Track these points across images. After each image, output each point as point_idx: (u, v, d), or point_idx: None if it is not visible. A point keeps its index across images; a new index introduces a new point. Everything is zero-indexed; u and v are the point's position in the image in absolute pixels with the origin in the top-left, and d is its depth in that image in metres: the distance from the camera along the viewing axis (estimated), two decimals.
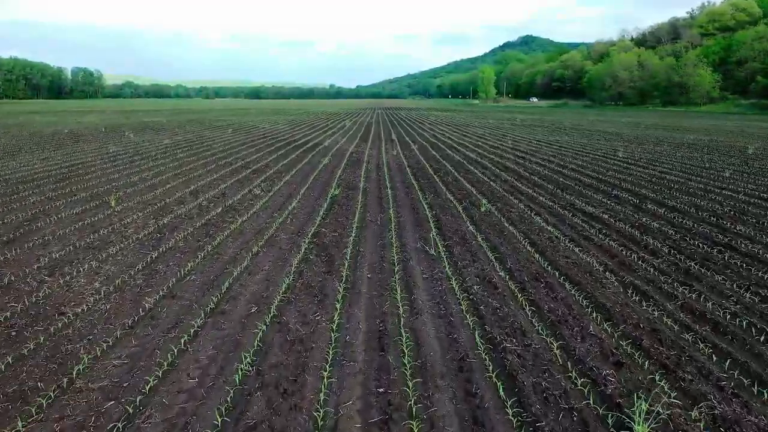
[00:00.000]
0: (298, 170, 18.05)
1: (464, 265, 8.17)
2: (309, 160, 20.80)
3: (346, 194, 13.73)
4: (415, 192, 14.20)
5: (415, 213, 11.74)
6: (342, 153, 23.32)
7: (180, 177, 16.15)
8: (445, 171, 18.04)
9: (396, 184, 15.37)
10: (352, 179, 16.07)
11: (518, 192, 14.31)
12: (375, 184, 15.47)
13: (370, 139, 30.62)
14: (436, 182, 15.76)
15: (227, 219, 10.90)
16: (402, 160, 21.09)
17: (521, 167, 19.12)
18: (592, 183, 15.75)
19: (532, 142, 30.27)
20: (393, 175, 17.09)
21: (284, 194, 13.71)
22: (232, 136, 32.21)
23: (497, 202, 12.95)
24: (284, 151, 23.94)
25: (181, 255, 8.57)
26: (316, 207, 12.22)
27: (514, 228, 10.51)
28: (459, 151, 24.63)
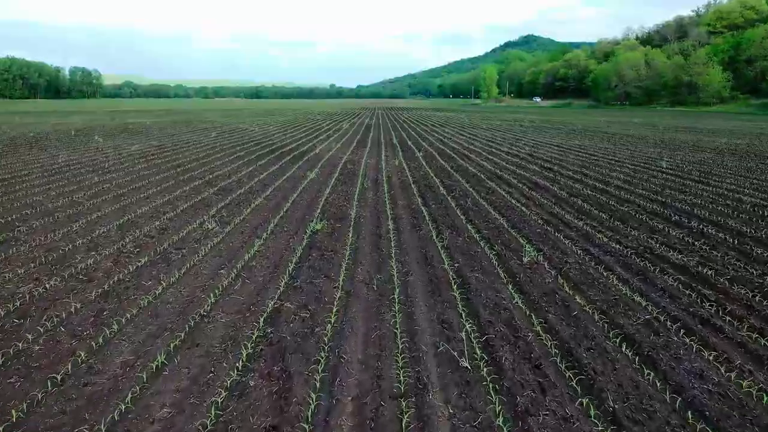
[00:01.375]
0: (276, 188, 14.29)
1: (527, 400, 4.44)
2: (293, 173, 17.04)
3: (332, 230, 9.98)
4: (425, 224, 10.45)
5: (428, 266, 7.97)
6: (334, 163, 19.56)
7: (120, 200, 12.39)
8: (461, 190, 14.26)
9: (399, 212, 11.61)
10: (343, 204, 12.31)
11: (565, 225, 10.52)
12: (372, 211, 11.71)
13: (369, 145, 26.84)
14: (452, 207, 12.00)
15: (142, 284, 7.13)
16: (405, 172, 17.33)
17: (554, 183, 15.35)
18: (655, 209, 11.97)
19: (551, 147, 26.49)
20: (395, 196, 13.33)
21: (246, 230, 9.94)
22: (213, 140, 28.45)
23: (542, 243, 9.17)
24: (266, 160, 20.18)
25: (30, 370, 4.83)
26: (284, 256, 8.46)
27: (583, 298, 6.76)
28: (471, 160, 20.85)
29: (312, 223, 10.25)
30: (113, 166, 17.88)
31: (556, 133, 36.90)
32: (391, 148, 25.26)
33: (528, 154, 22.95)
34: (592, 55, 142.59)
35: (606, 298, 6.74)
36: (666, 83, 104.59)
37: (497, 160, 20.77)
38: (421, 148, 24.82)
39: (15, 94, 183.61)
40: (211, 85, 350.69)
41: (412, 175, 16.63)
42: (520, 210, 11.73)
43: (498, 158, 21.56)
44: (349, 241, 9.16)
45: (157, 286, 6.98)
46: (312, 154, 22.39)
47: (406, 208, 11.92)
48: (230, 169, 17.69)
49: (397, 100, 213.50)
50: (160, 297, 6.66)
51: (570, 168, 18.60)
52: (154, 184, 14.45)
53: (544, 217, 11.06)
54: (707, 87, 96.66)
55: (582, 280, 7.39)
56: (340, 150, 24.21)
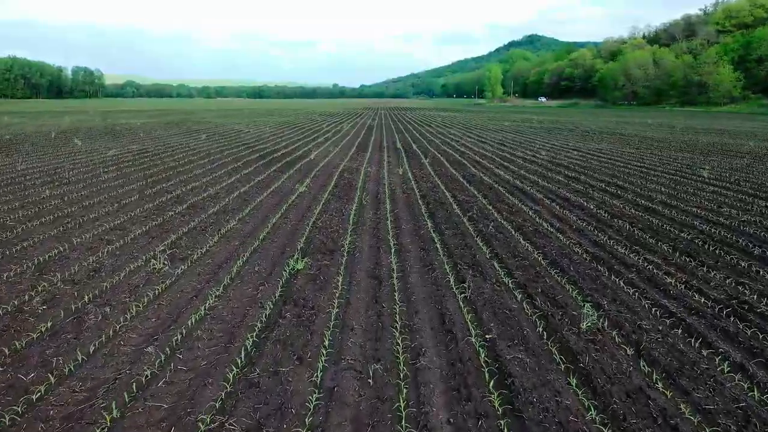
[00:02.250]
0: (256, 206, 11.92)
1: None
2: (281, 185, 14.66)
3: (317, 270, 7.60)
4: (438, 260, 8.06)
5: (447, 339, 5.57)
6: (330, 172, 17.18)
7: (60, 223, 10.03)
8: (478, 207, 11.86)
9: (404, 240, 9.21)
10: (334, 228, 9.92)
11: (619, 262, 8.10)
12: (370, 238, 9.33)
13: (370, 149, 24.44)
14: (470, 234, 9.60)
15: (20, 378, 4.75)
16: (411, 183, 14.93)
17: (587, 199, 12.92)
18: (724, 236, 9.53)
19: (570, 151, 24.05)
20: (399, 216, 10.94)
21: (204, 271, 7.56)
22: (201, 143, 26.11)
23: (598, 293, 6.77)
24: (253, 168, 17.81)
25: None
26: (246, 317, 6.08)
27: (688, 405, 4.36)
28: (485, 168, 18.43)
29: (292, 260, 7.87)
30: (76, 176, 15.53)
31: (570, 135, 34.43)
32: (395, 153, 22.87)
33: (548, 161, 20.52)
34: (598, 55, 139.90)
35: (725, 407, 4.34)
36: (675, 83, 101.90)
37: (514, 168, 18.35)
38: (427, 154, 22.39)
39: (17, 94, 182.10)
40: (213, 84, 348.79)
41: (418, 188, 14.24)
42: (556, 238, 9.31)
43: (514, 165, 19.14)
44: (338, 290, 6.78)
45: (41, 382, 4.60)
46: (306, 160, 20.00)
47: (414, 235, 9.52)
48: (209, 179, 15.32)
49: (400, 100, 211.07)
50: (39, 405, 4.28)
51: (599, 178, 16.17)
52: (113, 200, 12.08)
53: (590, 249, 8.64)
54: (718, 87, 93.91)
55: (675, 365, 4.99)
56: (337, 155, 21.82)
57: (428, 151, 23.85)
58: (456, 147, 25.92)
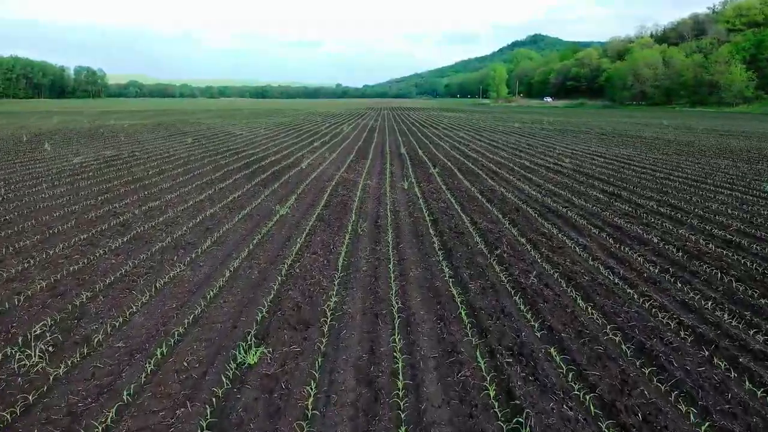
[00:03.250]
0: (219, 239, 9.16)
1: None
2: (259, 204, 11.90)
3: (280, 365, 4.85)
4: (464, 343, 5.29)
5: None
6: (322, 185, 14.42)
7: None
8: (508, 241, 9.05)
9: (413, 300, 6.45)
10: (316, 278, 7.15)
11: (743, 349, 5.30)
12: (364, 298, 6.56)
13: (371, 156, 21.66)
14: (503, 287, 6.83)
15: None
16: (419, 202, 12.16)
17: (644, 226, 10.10)
18: None
19: (594, 158, 21.22)
20: (405, 256, 8.18)
21: (103, 371, 4.80)
22: (184, 148, 23.39)
23: (723, 416, 3.98)
24: (233, 180, 15.06)
25: None
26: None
27: None
28: (505, 181, 15.64)
29: (243, 346, 5.11)
30: (15, 190, 12.82)
31: (587, 138, 31.57)
32: (398, 161, 20.09)
33: (573, 170, 17.71)
34: (605, 54, 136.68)
35: None
36: (685, 82, 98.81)
37: (538, 180, 15.55)
38: (436, 162, 19.58)
39: (19, 93, 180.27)
40: (217, 84, 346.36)
41: (428, 208, 11.46)
42: (630, 298, 6.52)
43: (537, 176, 16.34)
44: (308, 413, 4.02)
45: None
46: (296, 170, 17.25)
47: (426, 289, 6.76)
48: (174, 197, 12.57)
49: (403, 100, 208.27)
50: None
51: (644, 194, 13.36)
52: (36, 230, 9.34)
53: (685, 320, 5.86)
54: (730, 87, 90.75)
55: None
56: (333, 163, 19.06)
57: (436, 158, 21.05)
58: (467, 153, 23.12)
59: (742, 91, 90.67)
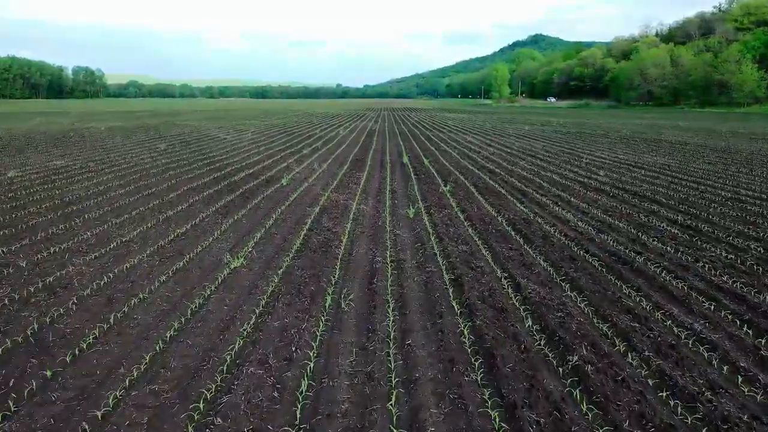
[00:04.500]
0: (108, 333, 5.73)
1: None
2: (205, 249, 8.45)
3: None
4: None
5: None
6: (301, 214, 11.00)
7: None
8: (583, 333, 5.60)
9: None
10: (263, 418, 3.73)
11: None
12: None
13: (368, 167, 18.24)
14: None
15: None
16: (430, 242, 8.74)
17: (752, 287, 6.68)
18: None
19: (631, 169, 17.79)
20: (413, 366, 4.76)
21: None
22: (152, 157, 19.98)
23: None
24: (187, 205, 11.63)
25: None
26: None
27: None
28: (539, 204, 12.20)
29: None
30: None
31: (608, 143, 28.15)
32: (401, 173, 16.70)
33: (615, 186, 14.29)
34: (609, 54, 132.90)
35: None
36: (694, 82, 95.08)
37: (578, 202, 12.13)
38: (447, 177, 16.14)
39: (16, 93, 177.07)
40: (220, 84, 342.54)
41: (444, 254, 8.06)
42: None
43: (573, 195, 12.92)
44: None
45: None
46: (274, 188, 13.83)
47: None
48: (96, 233, 9.16)
49: (404, 100, 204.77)
50: None
51: (729, 227, 9.93)
52: None
53: None
54: (741, 86, 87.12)
55: None
56: (322, 178, 15.66)
57: (445, 169, 17.64)
58: (480, 162, 19.71)
59: (754, 90, 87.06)
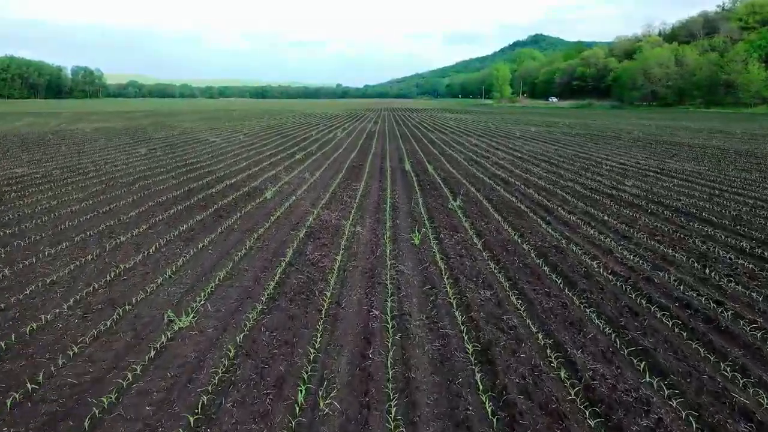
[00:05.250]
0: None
1: None
2: (147, 299, 6.45)
3: None
4: None
5: None
6: (281, 241, 8.99)
7: None
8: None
9: None
10: None
11: None
12: None
13: (366, 174, 16.23)
14: None
15: None
16: (444, 287, 6.74)
17: None
18: None
19: (660, 178, 15.78)
20: None
21: None
22: (128, 164, 17.97)
23: None
24: (146, 226, 9.61)
25: None
26: None
27: None
28: (567, 225, 10.17)
29: None
30: None
31: (623, 146, 26.13)
32: (403, 183, 14.69)
33: (648, 199, 12.27)
34: (611, 53, 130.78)
35: None
36: (699, 82, 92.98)
37: (612, 221, 10.13)
38: (456, 188, 14.12)
39: (14, 93, 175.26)
40: (221, 84, 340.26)
41: (463, 304, 6.06)
42: None
43: (605, 212, 10.91)
44: None
45: None
46: (255, 203, 11.82)
47: None
48: (14, 273, 7.15)
49: (404, 100, 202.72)
50: None
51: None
52: None
53: None
54: (748, 86, 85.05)
55: None
56: (313, 189, 13.65)
57: (452, 178, 15.63)
58: (490, 169, 17.70)
59: (760, 90, 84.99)
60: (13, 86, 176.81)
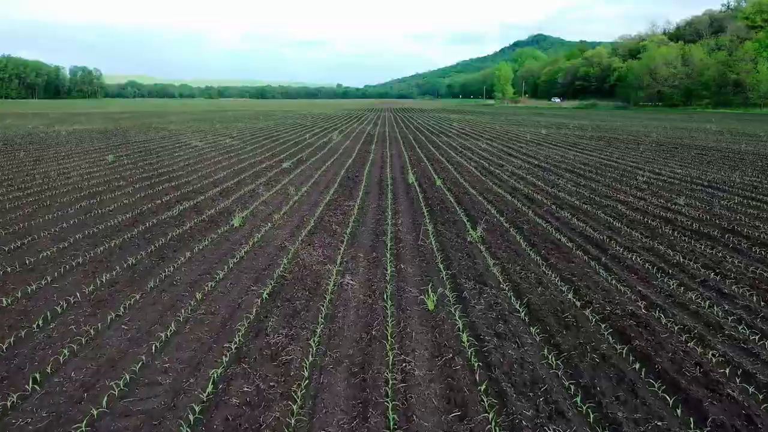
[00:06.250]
0: None
1: None
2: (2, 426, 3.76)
3: None
4: None
5: None
6: (239, 298, 6.30)
7: None
8: None
9: None
10: None
11: None
12: None
13: (362, 190, 13.51)
14: None
15: None
16: (482, 412, 4.03)
17: None
18: None
19: (711, 191, 13.07)
20: None
21: None
22: (86, 173, 15.27)
23: None
24: (63, 272, 6.89)
25: None
26: None
27: None
28: (628, 267, 7.45)
29: None
30: None
31: (647, 151, 23.43)
32: (408, 205, 11.98)
33: (721, 227, 9.56)
34: (615, 53, 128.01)
35: None
36: (707, 82, 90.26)
37: (689, 263, 7.43)
38: (474, 212, 11.40)
39: (11, 93, 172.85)
40: (219, 84, 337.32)
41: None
42: None
43: (681, 250, 8.22)
44: None
45: None
46: (221, 231, 9.10)
47: None
48: None
49: (405, 101, 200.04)
50: None
51: None
52: None
53: None
54: (757, 86, 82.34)
55: None
56: (295, 212, 10.94)
57: (465, 195, 12.93)
58: (507, 181, 15.00)
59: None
60: (11, 86, 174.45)
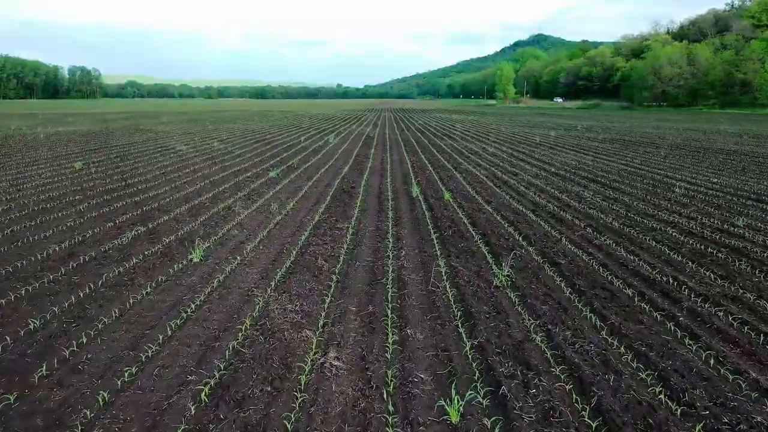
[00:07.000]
0: None
1: None
2: None
3: None
4: None
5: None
6: (177, 382, 4.22)
7: None
8: None
9: None
10: None
11: None
12: None
13: (357, 208, 11.45)
14: None
15: None
16: None
17: None
18: None
19: (762, 207, 11.05)
20: None
21: None
22: (41, 185, 13.22)
23: None
24: None
25: None
26: None
27: None
28: (722, 336, 5.40)
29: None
30: None
31: (669, 157, 21.36)
32: (413, 229, 9.94)
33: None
34: (618, 52, 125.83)
35: None
36: (713, 82, 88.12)
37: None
38: (494, 240, 9.36)
39: (9, 93, 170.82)
40: (219, 84, 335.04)
41: None
42: None
43: (756, 291, 6.14)
44: None
45: None
46: (175, 269, 7.05)
47: None
48: None
49: (405, 101, 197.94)
50: None
51: None
52: None
53: None
54: (766, 86, 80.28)
55: None
56: (275, 237, 8.90)
57: (481, 214, 10.89)
58: (526, 194, 12.95)
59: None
60: (9, 86, 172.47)
